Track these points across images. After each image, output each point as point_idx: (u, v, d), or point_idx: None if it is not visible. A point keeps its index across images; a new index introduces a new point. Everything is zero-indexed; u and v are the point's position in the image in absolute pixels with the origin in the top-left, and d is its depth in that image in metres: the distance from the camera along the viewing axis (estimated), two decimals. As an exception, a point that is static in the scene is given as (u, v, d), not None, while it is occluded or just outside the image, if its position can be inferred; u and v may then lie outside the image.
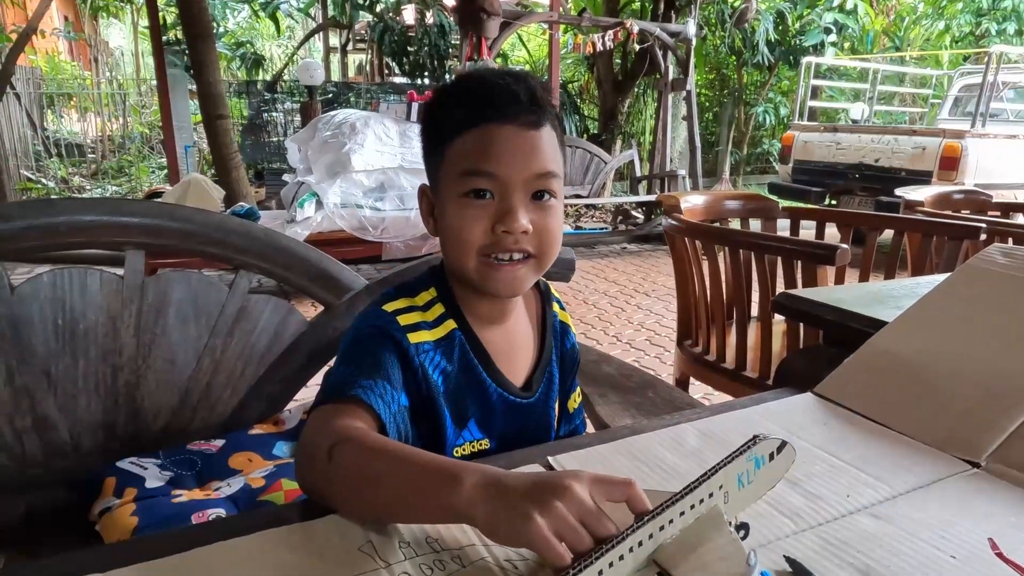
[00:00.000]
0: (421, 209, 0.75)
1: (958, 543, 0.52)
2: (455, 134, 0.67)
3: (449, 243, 0.70)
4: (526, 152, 0.66)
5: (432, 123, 0.72)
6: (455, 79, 0.74)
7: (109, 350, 1.18)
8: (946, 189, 2.45)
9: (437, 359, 0.71)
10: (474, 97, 0.68)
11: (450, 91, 0.71)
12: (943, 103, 7.13)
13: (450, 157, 0.68)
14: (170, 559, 0.49)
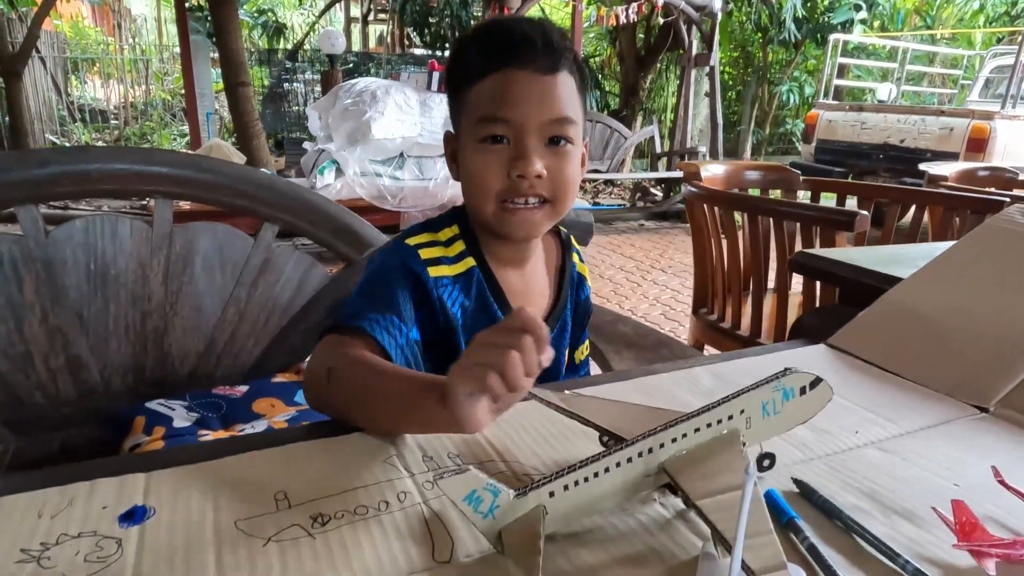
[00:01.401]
0: (446, 154, 0.77)
1: (962, 474, 0.54)
2: (474, 80, 0.68)
3: (468, 188, 0.72)
4: (541, 97, 0.67)
5: (454, 69, 0.73)
6: (475, 26, 0.75)
7: (139, 296, 1.22)
8: (971, 165, 2.42)
9: (456, 294, 0.73)
10: (492, 43, 0.68)
11: (470, 38, 0.72)
12: (973, 84, 6.98)
13: (469, 103, 0.69)
14: (211, 463, 0.52)
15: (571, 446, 0.58)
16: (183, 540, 0.44)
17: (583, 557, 0.44)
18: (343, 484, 0.50)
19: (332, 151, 3.97)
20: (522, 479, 0.52)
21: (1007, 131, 4.79)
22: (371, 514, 0.47)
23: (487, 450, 0.56)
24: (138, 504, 0.47)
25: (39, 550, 0.43)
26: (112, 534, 0.44)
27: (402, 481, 0.51)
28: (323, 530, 0.45)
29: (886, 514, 0.49)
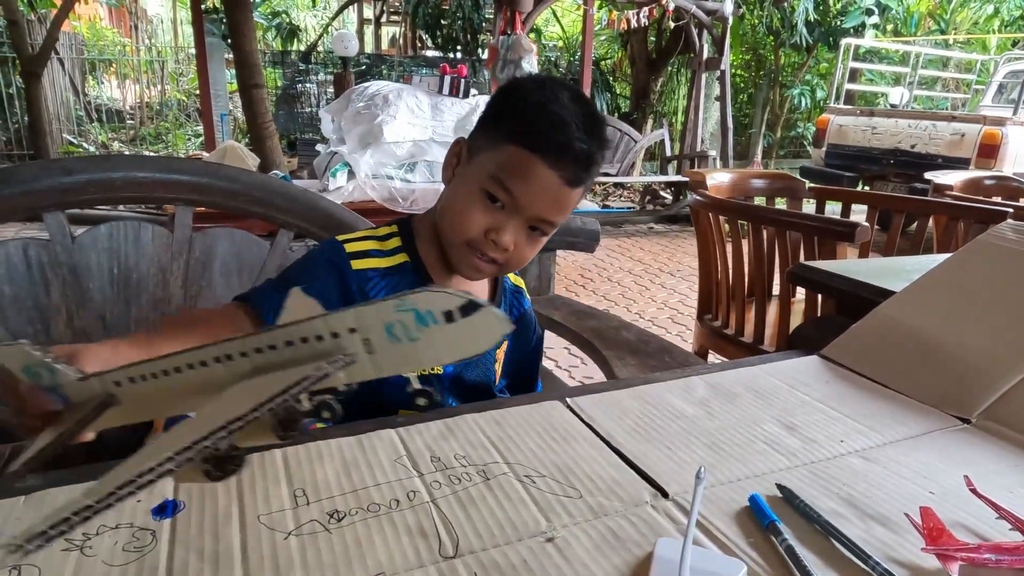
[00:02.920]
0: (448, 159, 0.80)
1: (938, 482, 0.57)
2: (512, 141, 0.72)
3: (450, 212, 0.77)
4: (550, 200, 0.73)
5: (504, 108, 0.76)
6: (546, 87, 0.75)
7: (159, 299, 1.27)
8: (977, 174, 2.43)
9: (383, 285, 0.78)
10: (548, 127, 0.71)
11: (537, 98, 0.73)
12: (987, 89, 6.94)
13: (496, 152, 0.73)
14: (233, 460, 0.56)
15: (571, 449, 0.61)
16: (211, 532, 0.48)
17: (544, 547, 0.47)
18: (357, 483, 0.54)
19: (344, 153, 4.02)
20: (523, 480, 0.56)
21: (1019, 137, 4.77)
22: (383, 511, 0.51)
23: (491, 451, 0.60)
24: (169, 499, 0.51)
25: (81, 540, 0.47)
26: (147, 526, 0.48)
27: (411, 481, 0.55)
28: (339, 525, 0.49)
29: (863, 519, 0.52)
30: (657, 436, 0.64)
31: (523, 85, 0.77)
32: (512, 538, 0.49)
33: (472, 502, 0.52)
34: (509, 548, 0.47)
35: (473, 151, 0.77)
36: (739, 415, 0.69)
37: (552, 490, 0.55)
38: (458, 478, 0.55)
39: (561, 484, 0.55)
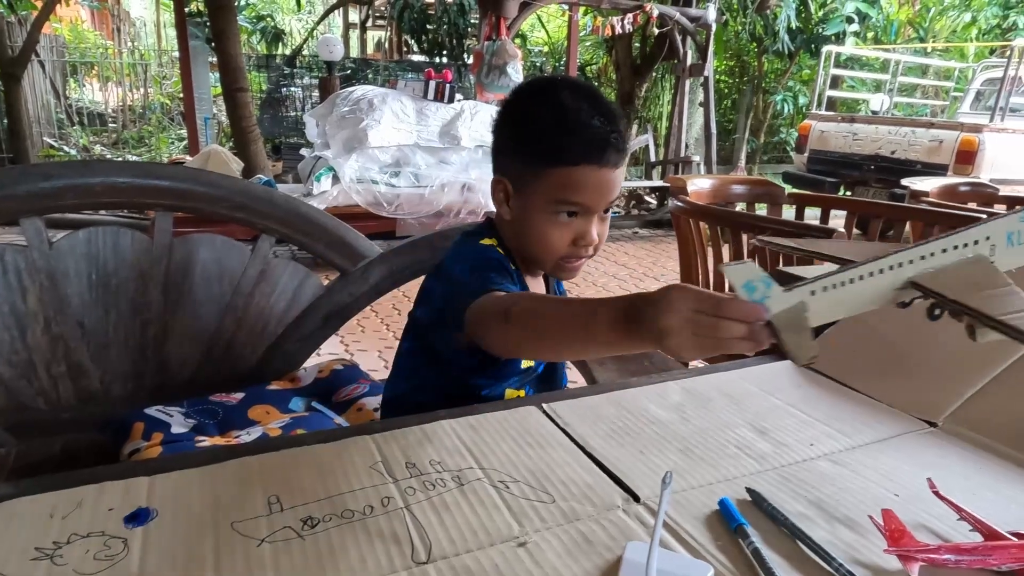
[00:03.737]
0: (495, 197, 0.84)
1: (903, 485, 0.58)
2: (559, 163, 0.76)
3: (532, 242, 0.81)
4: (610, 189, 0.79)
5: (524, 134, 0.80)
6: (547, 95, 0.79)
7: (139, 305, 1.26)
8: (952, 181, 2.48)
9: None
10: (584, 136, 0.76)
11: (549, 113, 0.77)
12: (965, 96, 7.06)
13: (549, 178, 0.77)
14: (210, 468, 0.56)
15: (546, 454, 0.62)
16: (184, 540, 0.48)
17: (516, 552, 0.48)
18: (331, 489, 0.55)
19: (329, 158, 4.02)
20: (497, 485, 0.56)
21: (995, 144, 4.86)
22: (356, 517, 0.51)
23: (466, 457, 0.60)
24: (142, 506, 0.51)
25: (52, 549, 0.47)
26: (119, 534, 0.48)
27: (386, 487, 0.55)
28: (312, 532, 0.49)
29: (829, 521, 0.53)
30: (631, 441, 0.65)
31: (527, 105, 0.81)
32: (484, 543, 0.49)
33: (446, 508, 0.53)
34: (481, 553, 0.48)
35: (519, 184, 0.81)
36: (712, 420, 0.70)
37: (525, 495, 0.55)
38: (432, 484, 0.56)
39: (535, 489, 0.56)
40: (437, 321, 0.81)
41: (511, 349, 0.69)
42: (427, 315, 0.85)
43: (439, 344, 0.83)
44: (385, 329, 3.24)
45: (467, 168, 4.26)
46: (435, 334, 0.83)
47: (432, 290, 0.86)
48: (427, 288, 0.87)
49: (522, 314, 0.63)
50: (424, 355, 0.87)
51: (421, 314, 0.86)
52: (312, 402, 1.24)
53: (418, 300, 0.88)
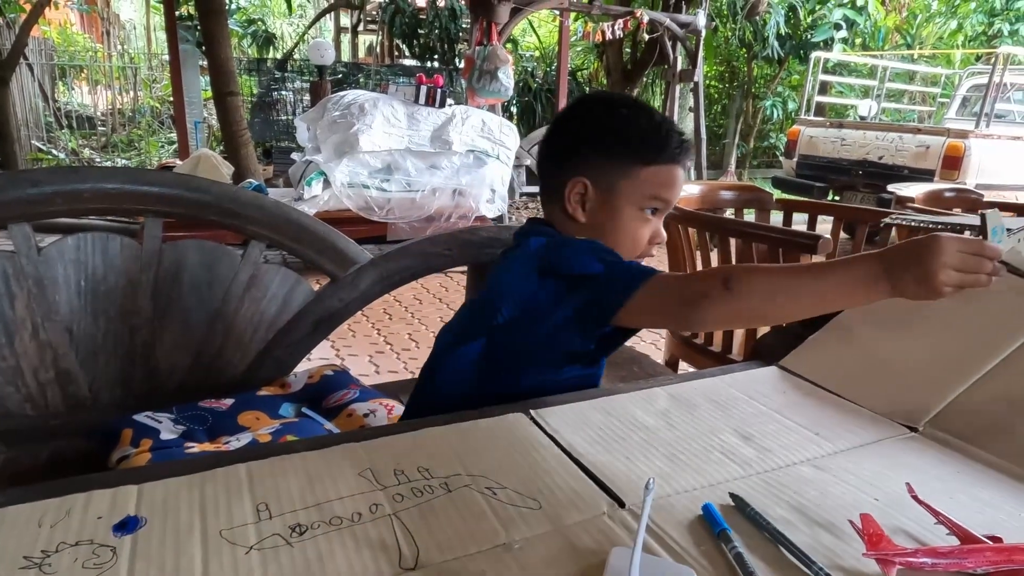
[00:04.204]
0: (570, 198, 0.85)
1: (883, 489, 0.59)
2: (654, 162, 0.83)
3: (617, 239, 0.84)
4: (681, 187, 0.86)
5: (629, 135, 0.84)
6: (649, 111, 0.87)
7: (128, 311, 1.26)
8: (938, 186, 2.51)
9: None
10: (672, 143, 0.83)
11: (651, 118, 0.85)
12: (951, 102, 7.14)
13: (641, 176, 0.83)
14: (199, 475, 0.56)
15: (534, 460, 0.63)
16: (172, 548, 0.48)
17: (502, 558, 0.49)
18: (320, 496, 0.55)
19: (320, 162, 4.02)
20: (483, 491, 0.57)
21: (981, 149, 4.92)
22: (345, 524, 0.52)
23: (454, 464, 0.61)
24: (131, 514, 0.52)
25: (40, 557, 0.47)
26: (107, 542, 0.49)
27: (374, 494, 0.56)
28: (300, 539, 0.50)
29: (810, 526, 0.54)
30: (618, 447, 0.66)
31: (611, 112, 0.86)
32: (471, 549, 0.50)
33: (433, 514, 0.53)
34: (468, 559, 0.49)
35: (604, 183, 0.84)
36: (698, 425, 0.71)
37: (512, 501, 0.56)
38: (420, 491, 0.56)
39: (522, 495, 0.57)
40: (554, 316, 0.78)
41: (731, 317, 0.72)
42: (527, 320, 0.80)
43: (535, 349, 0.82)
44: (376, 334, 3.24)
45: (458, 173, 4.27)
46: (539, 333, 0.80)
47: (534, 291, 0.80)
48: (521, 291, 0.81)
49: (751, 282, 0.66)
50: (507, 356, 0.83)
51: (511, 318, 0.81)
52: (302, 408, 1.24)
53: (498, 305, 0.83)
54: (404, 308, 3.65)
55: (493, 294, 0.86)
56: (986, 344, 0.77)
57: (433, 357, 0.93)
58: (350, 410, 1.17)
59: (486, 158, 4.32)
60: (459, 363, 0.86)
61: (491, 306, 0.83)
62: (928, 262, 0.58)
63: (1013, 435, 0.67)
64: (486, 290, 0.89)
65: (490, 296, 0.86)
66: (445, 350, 0.89)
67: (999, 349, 0.76)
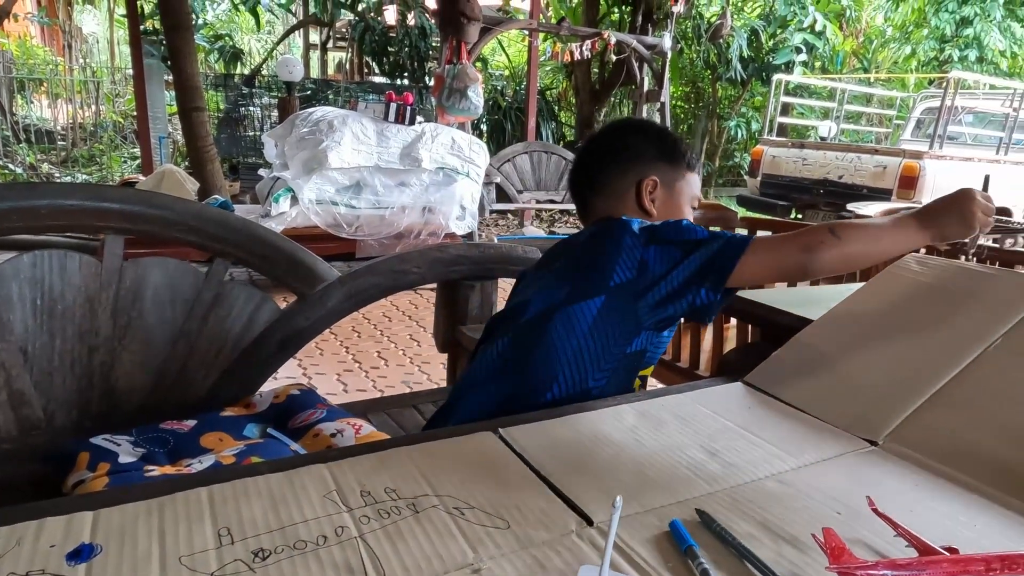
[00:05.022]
0: (643, 193, 1.04)
1: (844, 503, 0.60)
2: (692, 169, 1.09)
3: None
4: None
5: (677, 147, 1.08)
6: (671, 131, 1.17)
7: (86, 331, 1.23)
8: (894, 206, 2.59)
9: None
10: (693, 154, 1.11)
11: (680, 139, 1.12)
12: (906, 124, 7.39)
13: (688, 179, 1.08)
14: (157, 500, 0.55)
15: (502, 479, 0.63)
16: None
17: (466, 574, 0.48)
18: (284, 519, 0.54)
19: (288, 179, 3.98)
20: (451, 512, 0.56)
21: (935, 169, 5.10)
22: (309, 548, 0.51)
23: (422, 485, 0.60)
24: (85, 542, 0.50)
25: (-11, 589, 0.45)
26: (60, 572, 0.47)
27: (340, 516, 0.55)
28: (263, 564, 0.49)
29: (775, 541, 0.55)
30: (586, 465, 0.66)
31: (656, 133, 1.12)
32: (439, 571, 0.49)
33: (400, 536, 0.53)
34: (435, 581, 0.48)
35: (668, 182, 1.06)
36: (665, 442, 0.71)
37: (481, 521, 0.56)
38: (387, 512, 0.56)
39: (490, 515, 0.56)
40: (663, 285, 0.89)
41: (841, 259, 0.85)
42: (642, 283, 0.90)
43: (645, 312, 0.91)
44: (344, 352, 3.21)
45: (428, 190, 4.27)
46: (655, 296, 0.90)
47: (645, 258, 0.90)
48: (632, 257, 0.91)
49: (848, 234, 0.85)
50: (622, 316, 0.92)
51: (627, 279, 0.91)
52: (267, 428, 1.21)
53: (612, 267, 0.91)
54: (373, 326, 3.62)
55: (603, 262, 0.93)
56: (941, 359, 0.79)
57: (528, 324, 0.96)
58: (317, 430, 1.15)
59: (456, 175, 4.33)
60: (574, 319, 0.92)
61: (605, 269, 0.92)
62: (966, 205, 0.86)
63: (967, 448, 0.69)
64: (593, 258, 0.96)
65: (599, 263, 0.93)
66: (553, 310, 0.94)
67: (954, 363, 0.78)
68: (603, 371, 0.93)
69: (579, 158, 1.13)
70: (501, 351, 0.98)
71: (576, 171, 1.12)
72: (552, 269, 1.04)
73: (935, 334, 0.84)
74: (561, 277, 0.99)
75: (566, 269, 1.00)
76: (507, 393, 0.94)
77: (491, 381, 0.97)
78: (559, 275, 1.00)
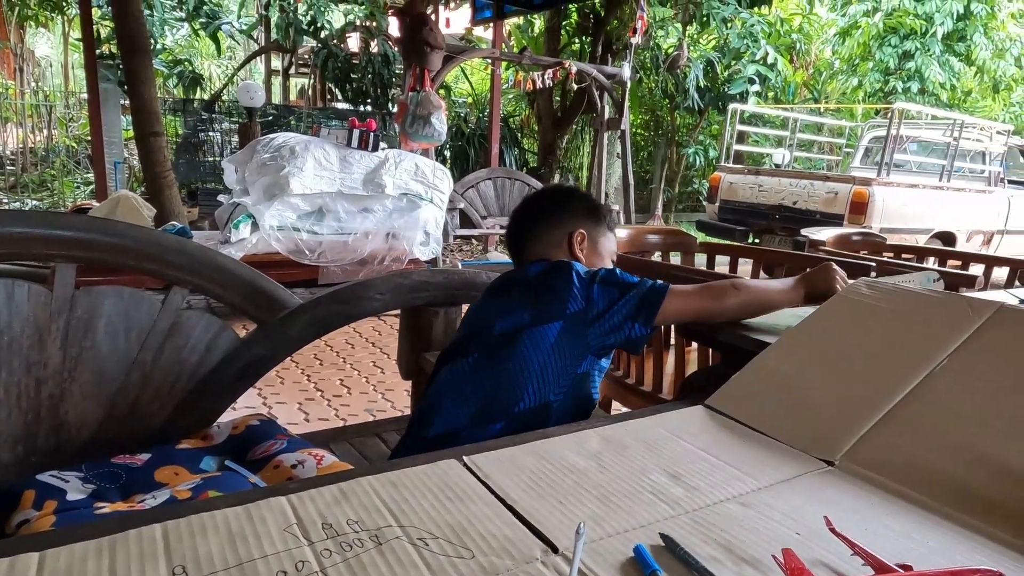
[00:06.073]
0: (575, 243, 1.22)
1: (803, 523, 0.62)
2: (610, 229, 1.29)
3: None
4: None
5: (598, 211, 1.28)
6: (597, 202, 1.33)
7: (34, 362, 1.18)
8: (846, 231, 2.68)
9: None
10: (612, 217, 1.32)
11: (603, 205, 1.33)
12: (855, 152, 7.68)
13: (608, 236, 1.28)
14: (108, 539, 0.53)
15: (467, 508, 0.62)
16: (77, 620, 0.45)
17: (467, 616, 0.48)
18: (243, 555, 0.52)
19: (248, 205, 3.93)
20: (416, 543, 0.56)
21: (883, 195, 5.30)
22: (268, 585, 0.49)
23: (385, 516, 0.60)
24: (31, 586, 0.48)
25: (-77, 639, 0.43)
26: (3, 618, 0.45)
27: (301, 550, 0.54)
28: (220, 603, 0.47)
29: (736, 563, 0.55)
30: (550, 491, 0.66)
31: (583, 197, 1.31)
32: (402, 604, 0.48)
33: (363, 569, 0.52)
34: (399, 615, 0.47)
35: (593, 238, 1.24)
36: (628, 466, 0.72)
37: (445, 552, 0.55)
38: (349, 545, 0.55)
39: (454, 545, 0.56)
40: (608, 317, 1.06)
41: (735, 309, 1.09)
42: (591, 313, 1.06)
43: (593, 338, 1.06)
44: (306, 380, 3.15)
45: (391, 216, 4.26)
46: (600, 327, 1.06)
47: (594, 295, 1.07)
48: (585, 292, 1.07)
49: (745, 288, 1.10)
50: (575, 339, 1.06)
51: (579, 310, 1.06)
52: (225, 461, 1.18)
53: (568, 299, 1.07)
54: (336, 353, 3.57)
55: (559, 293, 1.08)
56: (891, 380, 0.82)
57: (502, 337, 1.08)
58: (277, 461, 1.12)
59: (420, 201, 4.33)
60: (539, 338, 1.05)
61: (562, 299, 1.07)
62: (829, 274, 1.13)
63: (919, 466, 0.71)
64: (549, 290, 1.10)
65: (557, 295, 1.08)
66: (521, 329, 1.07)
67: (903, 384, 0.81)
68: (561, 387, 1.06)
69: (519, 213, 1.29)
70: (472, 365, 1.09)
71: (516, 222, 1.28)
72: (508, 297, 1.16)
73: (885, 356, 0.87)
74: (521, 304, 1.10)
75: (524, 298, 1.12)
76: (481, 403, 1.05)
77: (465, 391, 1.08)
78: (519, 302, 1.11)
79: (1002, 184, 6.58)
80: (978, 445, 0.71)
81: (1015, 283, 2.39)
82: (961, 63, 11.09)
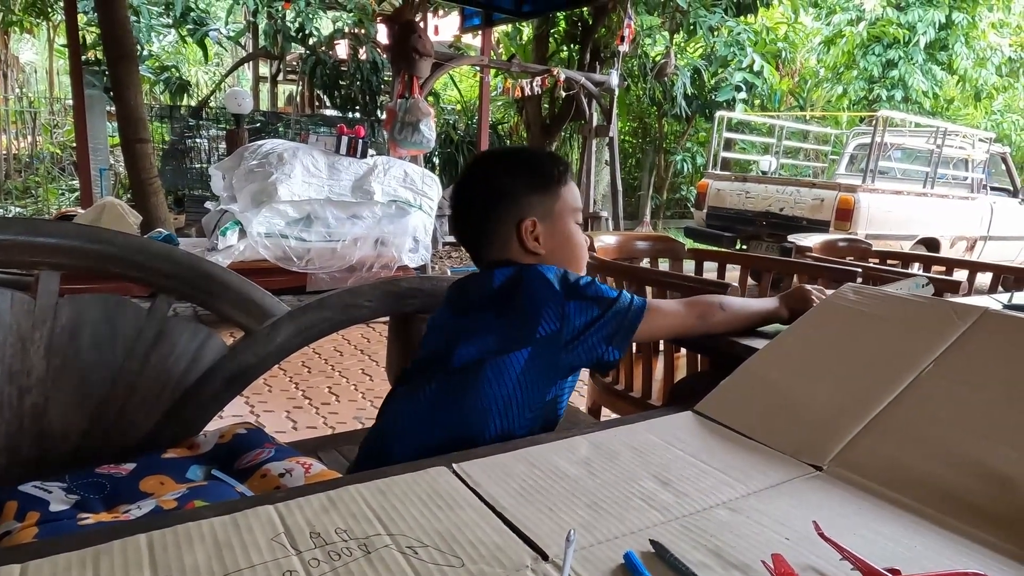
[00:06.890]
0: (527, 239, 1.04)
1: (793, 528, 0.62)
2: (561, 183, 1.06)
3: (573, 254, 1.08)
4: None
5: (540, 169, 1.06)
6: (528, 148, 1.20)
7: (16, 371, 1.17)
8: (832, 237, 2.71)
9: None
10: (559, 163, 1.08)
11: (539, 154, 1.12)
12: (841, 159, 7.76)
13: (562, 194, 1.06)
14: (91, 550, 0.52)
15: (456, 516, 0.62)
16: (60, 634, 0.44)
17: (457, 625, 0.47)
18: (229, 566, 0.52)
19: (236, 212, 3.91)
20: (405, 551, 0.55)
21: (868, 202, 5.35)
22: (256, 595, 0.49)
23: (374, 524, 0.59)
24: (12, 599, 0.47)
25: (-99, 654, 0.42)
26: (-17, 632, 0.44)
27: (288, 560, 0.53)
28: (206, 614, 0.47)
29: (726, 568, 0.55)
30: (540, 498, 0.66)
31: (518, 159, 1.10)
32: (392, 613, 0.48)
33: (352, 578, 0.51)
34: (388, 624, 0.47)
35: (545, 213, 1.05)
36: (618, 473, 0.72)
37: (434, 560, 0.55)
38: (338, 554, 0.54)
39: (444, 553, 0.56)
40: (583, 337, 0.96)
41: (720, 327, 1.07)
42: (565, 334, 0.95)
43: (566, 360, 0.96)
44: (294, 388, 3.13)
45: (380, 223, 4.25)
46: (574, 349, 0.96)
47: (566, 312, 0.95)
48: (556, 310, 0.95)
49: (730, 305, 1.08)
50: (546, 365, 0.96)
51: (552, 332, 0.95)
52: (212, 470, 1.17)
53: (537, 320, 0.95)
54: (324, 361, 3.55)
55: (528, 315, 0.95)
56: (878, 384, 0.83)
57: (459, 372, 0.96)
58: (264, 470, 1.11)
59: (409, 208, 4.33)
60: (504, 368, 0.94)
61: (531, 322, 0.94)
62: (806, 293, 1.13)
63: (906, 471, 0.71)
64: (516, 310, 0.97)
65: (526, 316, 0.95)
66: (484, 360, 0.94)
67: (890, 389, 0.81)
68: (526, 419, 0.96)
69: (454, 208, 1.11)
70: (430, 397, 0.97)
71: (456, 220, 1.11)
72: (471, 316, 1.02)
73: (872, 361, 0.88)
74: (487, 324, 0.98)
75: (489, 318, 0.99)
76: (443, 438, 0.93)
77: (426, 425, 0.96)
78: (483, 325, 0.99)
79: (984, 191, 6.68)
80: (964, 449, 0.71)
81: (998, 288, 2.42)
82: (943, 72, 11.26)
